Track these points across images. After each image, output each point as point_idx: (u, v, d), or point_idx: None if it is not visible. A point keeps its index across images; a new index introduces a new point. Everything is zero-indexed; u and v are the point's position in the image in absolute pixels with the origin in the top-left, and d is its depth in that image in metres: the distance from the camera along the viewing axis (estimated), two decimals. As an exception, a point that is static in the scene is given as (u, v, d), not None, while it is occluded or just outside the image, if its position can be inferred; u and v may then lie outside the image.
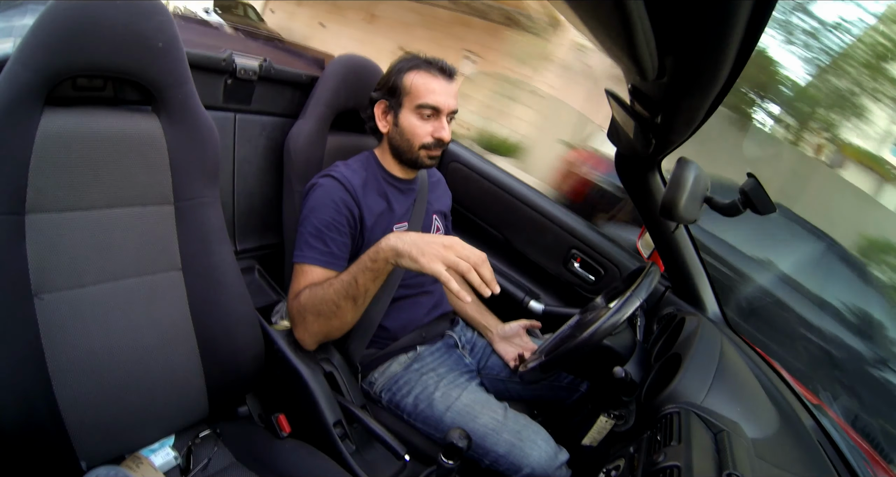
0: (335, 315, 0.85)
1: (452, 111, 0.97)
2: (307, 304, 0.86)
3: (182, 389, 0.77)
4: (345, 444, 0.86)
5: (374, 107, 1.00)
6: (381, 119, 1.00)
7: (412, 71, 0.95)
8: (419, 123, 0.96)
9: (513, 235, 1.41)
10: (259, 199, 1.15)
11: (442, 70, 0.96)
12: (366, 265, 0.81)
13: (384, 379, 1.00)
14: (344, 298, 0.83)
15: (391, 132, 0.99)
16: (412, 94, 0.95)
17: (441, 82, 0.95)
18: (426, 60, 0.96)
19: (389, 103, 0.98)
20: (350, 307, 0.84)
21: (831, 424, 0.88)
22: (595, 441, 0.86)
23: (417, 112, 0.95)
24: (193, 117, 0.74)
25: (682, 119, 0.71)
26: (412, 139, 0.97)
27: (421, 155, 0.98)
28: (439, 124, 0.96)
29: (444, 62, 0.97)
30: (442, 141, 0.97)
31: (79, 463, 0.66)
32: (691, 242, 1.13)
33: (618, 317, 0.79)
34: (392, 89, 0.97)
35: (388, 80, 0.98)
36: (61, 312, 0.64)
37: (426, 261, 0.75)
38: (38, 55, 0.59)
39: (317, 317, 0.86)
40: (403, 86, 0.95)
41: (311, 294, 0.86)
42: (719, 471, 0.57)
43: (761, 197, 0.82)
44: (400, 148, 0.99)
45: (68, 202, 0.65)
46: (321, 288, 0.86)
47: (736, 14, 0.39)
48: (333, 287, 0.84)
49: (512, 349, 1.11)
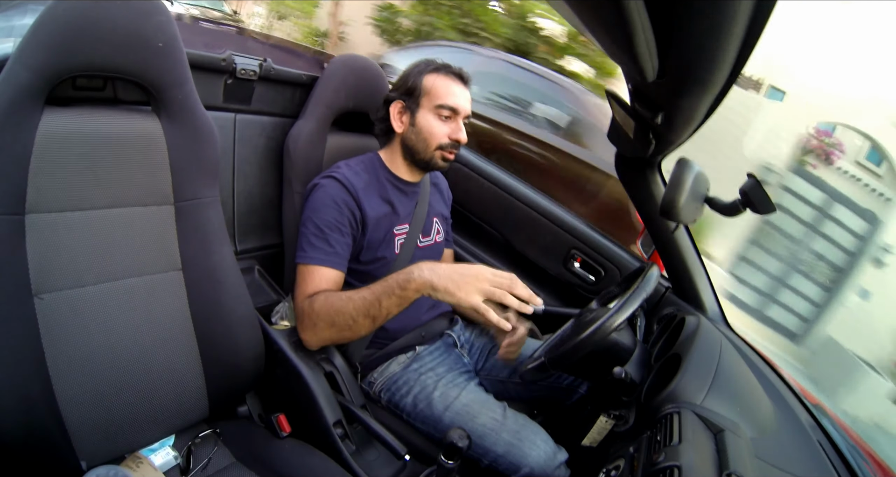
0: (349, 328, 0.86)
1: (467, 115, 1.00)
2: (321, 312, 0.86)
3: (182, 389, 0.77)
4: (345, 443, 0.86)
5: (390, 106, 1.01)
6: (396, 119, 1.01)
7: (432, 73, 0.98)
8: (437, 124, 0.98)
9: (513, 235, 1.41)
10: (259, 200, 1.14)
11: (459, 76, 1.00)
12: (393, 291, 0.82)
13: (383, 379, 1.01)
14: (363, 315, 0.83)
15: (406, 132, 1.00)
16: (432, 94, 0.97)
17: (459, 86, 0.99)
18: (444, 65, 1.00)
19: (406, 103, 0.99)
20: (367, 325, 0.85)
21: (831, 423, 0.88)
22: (595, 442, 0.86)
23: (436, 112, 0.97)
24: (193, 117, 0.74)
25: (682, 119, 0.71)
26: (429, 139, 0.98)
27: (436, 155, 0.99)
28: (457, 126, 0.99)
29: (461, 69, 1.01)
30: (458, 142, 0.99)
31: (79, 463, 0.66)
32: (691, 242, 1.13)
33: (618, 317, 0.79)
34: (410, 90, 0.99)
35: (406, 81, 1.00)
36: (61, 312, 0.64)
37: (463, 295, 0.77)
38: (38, 55, 0.59)
39: (330, 326, 0.86)
40: (423, 87, 0.98)
41: (328, 303, 0.86)
42: (719, 471, 0.57)
43: (761, 197, 0.82)
44: (415, 148, 1.00)
45: (68, 202, 0.65)
46: (339, 300, 0.86)
47: (736, 14, 0.39)
48: (353, 303, 0.84)
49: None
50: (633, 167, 1.09)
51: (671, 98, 0.63)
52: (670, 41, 0.45)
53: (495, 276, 0.78)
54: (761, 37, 0.45)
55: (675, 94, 0.61)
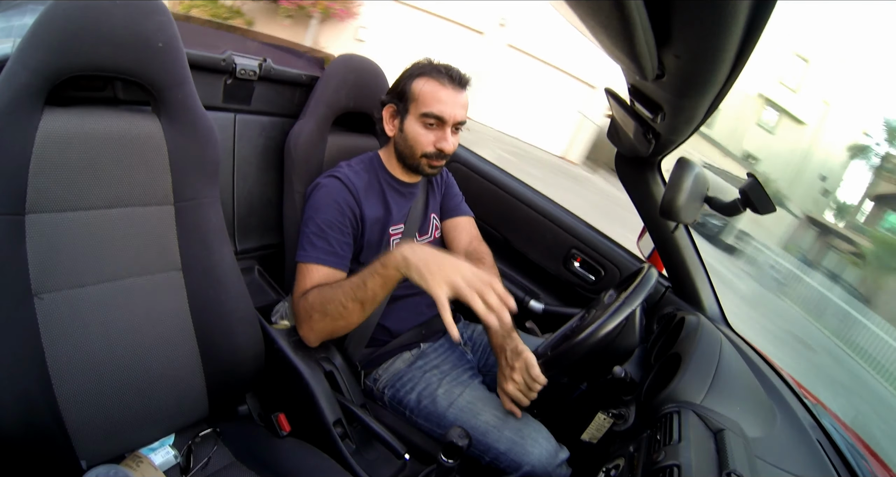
0: (341, 316, 0.85)
1: (458, 122, 0.96)
2: (314, 302, 0.86)
3: (182, 389, 0.77)
4: (345, 443, 0.86)
5: (383, 110, 1.00)
6: (388, 123, 1.00)
7: (421, 77, 0.94)
8: (422, 132, 0.95)
9: (513, 235, 1.41)
10: (259, 199, 1.15)
11: (452, 78, 0.94)
12: (376, 270, 0.81)
13: (388, 376, 1.01)
14: (352, 300, 0.83)
15: (397, 137, 1.00)
16: (418, 101, 0.94)
17: (449, 92, 0.93)
18: (437, 67, 0.95)
19: (397, 108, 0.98)
20: (357, 310, 0.84)
21: (830, 422, 0.88)
22: (594, 438, 0.86)
23: (422, 120, 0.95)
24: (193, 117, 0.74)
25: (682, 119, 0.71)
26: (414, 146, 0.97)
27: (422, 163, 0.98)
28: (442, 134, 0.95)
29: (457, 70, 0.95)
30: (443, 152, 0.96)
31: (79, 462, 0.66)
32: (691, 241, 1.13)
33: (618, 317, 0.79)
34: (401, 94, 0.96)
35: (399, 84, 0.98)
36: (61, 311, 0.64)
37: (432, 282, 0.73)
38: (38, 55, 0.58)
39: (323, 316, 0.86)
40: (412, 92, 0.95)
41: (320, 293, 0.86)
42: (719, 470, 0.57)
43: (761, 197, 0.82)
44: (403, 153, 0.99)
45: (68, 202, 0.65)
46: (330, 288, 0.86)
47: (736, 14, 0.39)
48: (342, 288, 0.84)
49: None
50: (633, 167, 1.09)
51: (671, 98, 0.63)
52: (670, 40, 0.45)
53: (474, 275, 0.74)
54: (761, 37, 0.45)
55: (675, 94, 0.61)
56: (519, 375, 0.88)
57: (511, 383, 0.89)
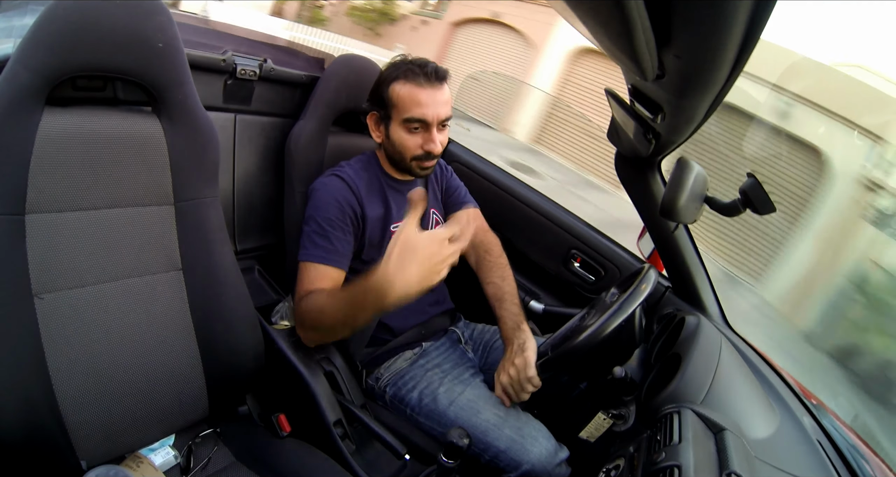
0: (332, 333, 0.88)
1: (443, 120, 0.95)
2: (309, 311, 0.86)
3: (182, 389, 0.77)
4: (345, 443, 0.86)
5: (367, 118, 1.00)
6: (374, 130, 1.00)
7: (397, 82, 0.93)
8: (408, 137, 0.95)
9: (513, 235, 1.41)
10: (259, 199, 1.15)
11: (428, 76, 0.91)
12: (361, 300, 0.73)
13: (389, 374, 1.01)
14: (341, 324, 0.81)
15: (385, 143, 1.00)
16: (399, 107, 0.93)
17: (427, 92, 0.91)
18: (410, 67, 0.92)
19: (380, 115, 0.97)
20: (346, 331, 0.87)
21: (831, 423, 0.88)
22: (592, 436, 0.86)
23: (405, 126, 0.94)
24: (193, 118, 0.74)
25: (682, 119, 0.70)
26: (403, 152, 0.97)
27: (413, 165, 0.98)
28: (429, 136, 0.95)
29: (432, 65, 0.93)
30: (431, 153, 0.96)
31: (79, 462, 0.66)
32: (691, 241, 1.13)
33: (618, 318, 0.79)
34: (381, 101, 0.96)
35: (377, 90, 0.96)
36: (61, 312, 0.64)
37: (414, 290, 0.68)
38: (38, 55, 0.59)
39: (315, 330, 0.88)
40: (390, 98, 0.94)
41: (315, 305, 0.85)
42: (719, 470, 0.57)
43: (761, 197, 0.82)
44: (393, 158, 1.00)
45: (68, 202, 0.65)
46: (324, 302, 0.84)
47: (736, 14, 0.39)
48: (334, 305, 0.81)
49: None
50: (633, 167, 1.09)
51: (671, 98, 0.63)
52: (670, 40, 0.45)
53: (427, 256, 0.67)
54: (761, 37, 0.45)
55: (676, 94, 0.61)
56: (515, 371, 0.90)
57: (506, 376, 0.92)
